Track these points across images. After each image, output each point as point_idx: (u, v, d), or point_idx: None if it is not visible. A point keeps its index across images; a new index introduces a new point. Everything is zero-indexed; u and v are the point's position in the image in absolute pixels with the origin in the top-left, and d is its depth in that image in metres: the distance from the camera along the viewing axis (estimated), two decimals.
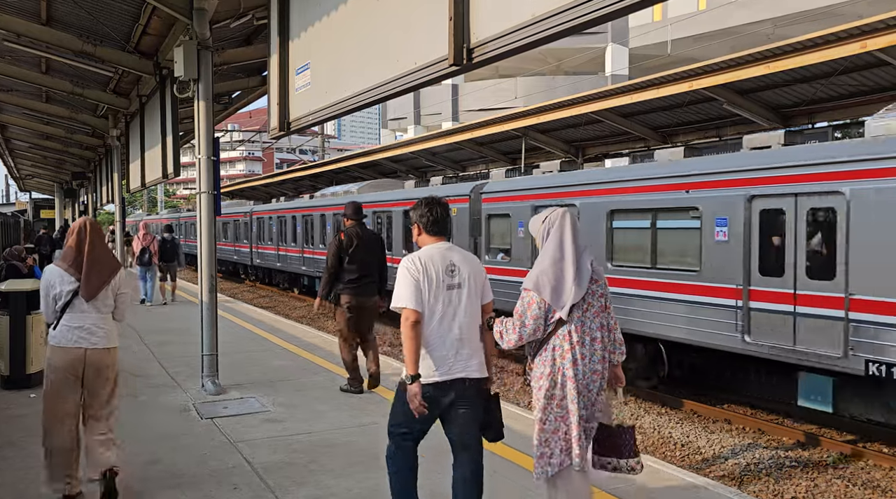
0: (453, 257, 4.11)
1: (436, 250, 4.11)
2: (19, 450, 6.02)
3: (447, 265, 4.05)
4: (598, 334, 4.01)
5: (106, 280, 4.84)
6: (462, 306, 4.03)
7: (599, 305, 4.06)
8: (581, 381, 3.95)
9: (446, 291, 4.01)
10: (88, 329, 4.75)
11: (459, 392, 4.00)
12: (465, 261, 4.14)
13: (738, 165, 9.25)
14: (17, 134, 23.50)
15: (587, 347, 3.97)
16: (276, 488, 5.17)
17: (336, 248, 7.83)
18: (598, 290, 4.06)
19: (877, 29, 9.14)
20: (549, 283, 3.95)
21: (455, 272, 4.06)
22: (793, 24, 27.06)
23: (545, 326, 3.99)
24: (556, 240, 4.05)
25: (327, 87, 5.89)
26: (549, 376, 4.00)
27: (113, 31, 10.72)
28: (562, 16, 3.31)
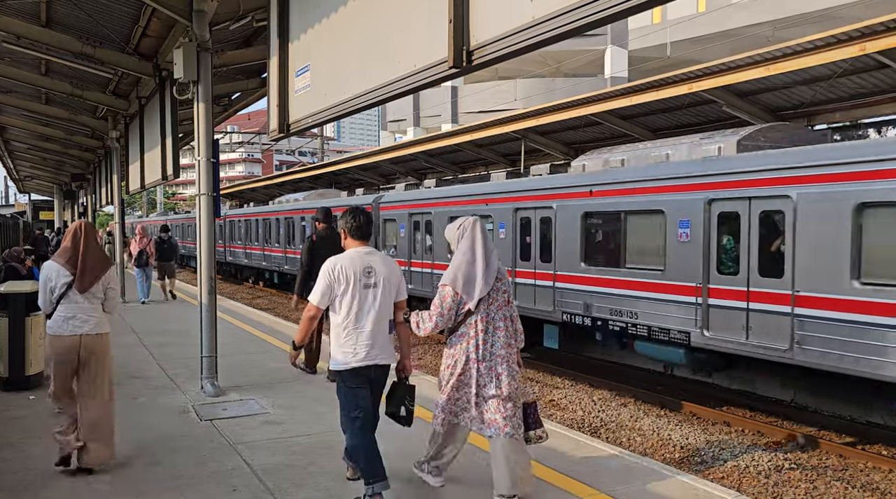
0: (372, 260, 4.81)
1: (356, 254, 4.82)
2: (18, 451, 6.02)
3: (365, 267, 4.75)
4: (501, 324, 4.83)
5: (98, 275, 5.44)
6: (376, 303, 4.73)
7: (503, 299, 4.87)
8: (483, 362, 4.76)
9: (363, 289, 4.71)
10: (81, 319, 5.35)
11: (371, 375, 4.79)
12: (382, 263, 4.84)
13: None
14: (16, 135, 23.49)
15: (490, 334, 4.80)
16: (276, 490, 5.17)
17: (308, 248, 8.43)
18: (502, 287, 4.88)
19: (876, 31, 9.15)
20: (462, 279, 4.77)
21: (371, 274, 4.75)
22: (792, 26, 27.10)
23: (457, 315, 4.80)
24: (468, 243, 4.87)
25: (327, 89, 5.89)
26: (456, 356, 4.83)
27: (112, 33, 10.72)
28: (561, 18, 3.32)
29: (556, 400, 10.89)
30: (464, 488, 5.27)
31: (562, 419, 9.76)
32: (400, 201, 17.49)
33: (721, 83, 11.21)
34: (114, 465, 5.63)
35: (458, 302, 4.78)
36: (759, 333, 8.95)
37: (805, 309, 8.46)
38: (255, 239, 28.18)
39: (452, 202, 15.11)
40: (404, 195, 17.63)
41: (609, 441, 8.64)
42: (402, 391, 5.01)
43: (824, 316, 8.25)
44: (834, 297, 8.16)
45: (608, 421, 9.83)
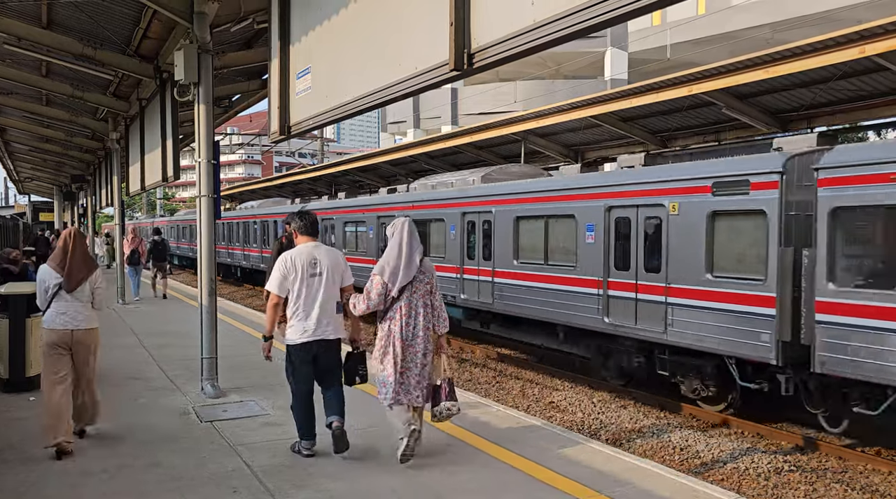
0: (317, 253, 5.82)
1: (305, 248, 5.85)
2: (19, 453, 6.02)
3: (311, 260, 5.77)
4: (422, 310, 5.73)
5: (84, 277, 6.13)
6: (321, 289, 5.72)
7: (425, 289, 5.78)
8: (405, 340, 5.68)
9: (309, 278, 5.72)
10: (72, 315, 6.04)
11: (320, 348, 5.79)
12: (326, 256, 5.87)
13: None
14: (16, 137, 23.50)
15: (412, 317, 5.70)
16: (276, 492, 5.17)
17: (278, 248, 9.01)
18: (425, 278, 5.78)
19: (876, 34, 9.16)
20: (388, 270, 5.68)
21: (316, 265, 5.77)
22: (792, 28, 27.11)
23: (385, 300, 5.70)
24: (396, 240, 5.77)
25: (328, 91, 5.90)
26: (383, 337, 5.74)
27: (113, 35, 10.74)
28: (563, 21, 3.32)
29: (555, 402, 10.90)
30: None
31: (561, 421, 9.77)
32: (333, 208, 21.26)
33: (721, 85, 11.21)
34: (115, 466, 5.65)
35: (385, 289, 5.68)
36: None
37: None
38: (223, 239, 32.33)
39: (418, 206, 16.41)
40: (342, 203, 21.35)
41: (609, 443, 8.64)
42: (356, 358, 6.01)
43: (686, 303, 9.90)
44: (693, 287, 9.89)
45: (608, 423, 9.84)
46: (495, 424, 7.02)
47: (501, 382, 12.33)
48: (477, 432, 6.68)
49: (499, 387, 11.95)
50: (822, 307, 8.15)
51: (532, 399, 11.10)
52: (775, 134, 12.20)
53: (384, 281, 5.68)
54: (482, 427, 6.87)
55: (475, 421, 7.08)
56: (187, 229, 39.00)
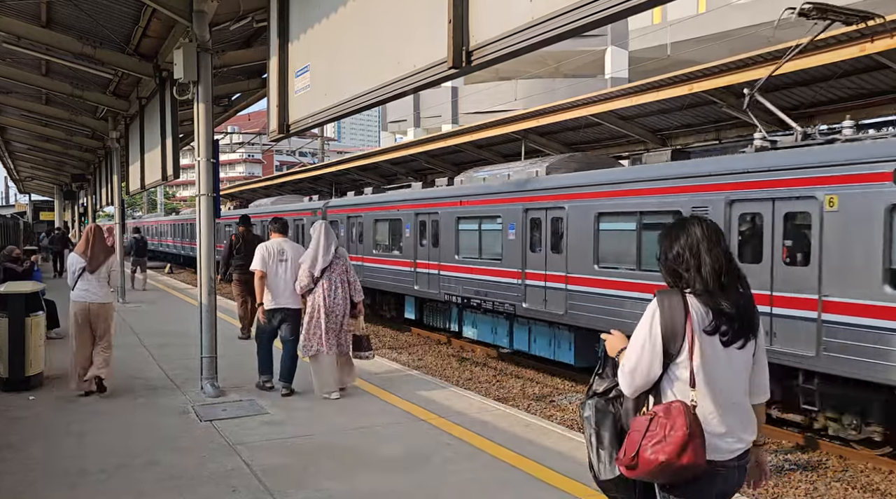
0: (284, 246, 8.20)
1: (275, 242, 8.25)
2: (18, 452, 6.02)
3: (279, 250, 8.13)
4: (339, 285, 7.81)
5: (102, 261, 7.96)
6: (287, 271, 8.04)
7: (341, 269, 7.87)
8: (328, 308, 7.72)
9: (279, 262, 8.05)
10: (92, 291, 7.86)
11: (284, 314, 8.10)
12: (290, 248, 8.23)
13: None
14: (16, 136, 23.50)
15: (332, 290, 7.76)
16: (275, 491, 5.16)
17: (229, 244, 12.14)
18: (340, 262, 7.88)
19: (877, 32, 9.15)
20: (311, 258, 7.80)
21: (283, 253, 8.11)
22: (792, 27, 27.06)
23: (313, 279, 7.75)
24: (316, 236, 7.86)
25: (327, 90, 5.89)
26: (311, 304, 7.79)
27: (113, 34, 10.72)
28: (561, 18, 3.31)
29: (555, 401, 10.89)
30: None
31: (562, 420, 9.76)
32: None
33: (721, 84, 11.19)
34: (113, 465, 5.65)
35: (312, 271, 7.75)
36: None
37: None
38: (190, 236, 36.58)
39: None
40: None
41: None
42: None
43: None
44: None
45: None
46: (495, 423, 7.01)
47: (502, 381, 12.32)
48: (477, 431, 6.67)
49: (499, 386, 11.94)
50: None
51: (532, 398, 11.09)
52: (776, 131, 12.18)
53: (308, 267, 7.77)
54: (482, 426, 6.86)
55: (475, 420, 7.07)
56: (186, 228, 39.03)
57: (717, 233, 2.87)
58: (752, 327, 2.82)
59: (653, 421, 2.67)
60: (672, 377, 2.77)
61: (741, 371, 2.82)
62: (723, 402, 2.75)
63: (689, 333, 2.72)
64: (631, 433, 2.75)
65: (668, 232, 2.93)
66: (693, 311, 2.74)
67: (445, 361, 13.95)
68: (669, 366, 2.77)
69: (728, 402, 2.77)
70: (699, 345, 2.73)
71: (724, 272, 2.78)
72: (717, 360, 2.75)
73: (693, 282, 2.79)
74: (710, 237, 2.83)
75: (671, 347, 2.74)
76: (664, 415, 2.66)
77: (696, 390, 2.71)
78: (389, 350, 14.79)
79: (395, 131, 48.42)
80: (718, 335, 2.75)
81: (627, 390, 2.82)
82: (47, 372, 8.73)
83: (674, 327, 2.73)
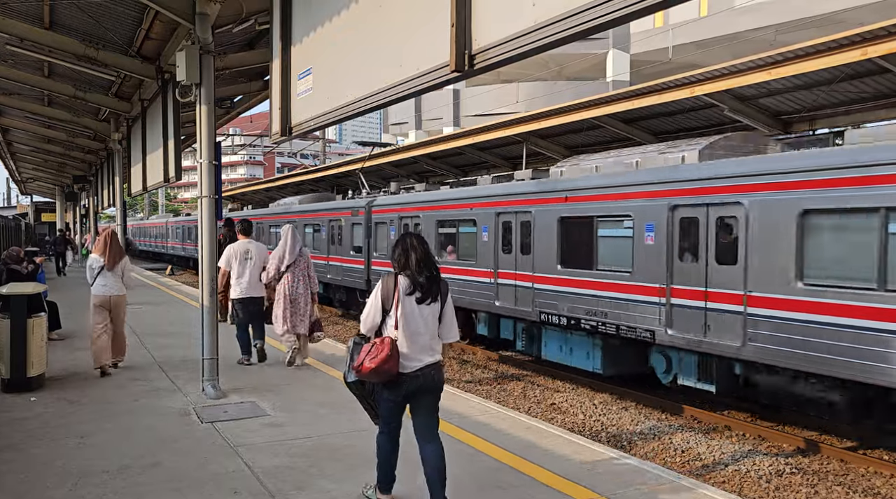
0: (249, 246, 9.82)
1: (241, 243, 9.88)
2: (20, 453, 6.02)
3: (244, 250, 9.74)
4: (301, 279, 9.46)
5: (117, 261, 9.19)
6: (252, 267, 9.68)
7: (303, 266, 9.51)
8: (291, 297, 9.37)
9: (244, 260, 9.66)
10: (110, 286, 9.12)
11: (249, 302, 9.70)
12: (255, 248, 9.85)
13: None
14: (18, 137, 23.55)
15: (295, 282, 9.40)
16: (276, 493, 5.17)
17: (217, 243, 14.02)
18: (302, 260, 9.50)
19: (878, 36, 9.15)
20: (279, 255, 9.40)
21: (248, 253, 9.73)
22: (794, 30, 27.10)
23: (279, 273, 9.40)
24: (284, 239, 9.48)
25: (329, 92, 5.90)
26: (280, 294, 9.42)
27: (115, 36, 10.75)
28: (564, 22, 3.32)
29: (556, 403, 10.89)
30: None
31: (563, 423, 9.76)
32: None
33: (723, 87, 11.21)
34: (116, 467, 5.65)
35: (280, 265, 9.39)
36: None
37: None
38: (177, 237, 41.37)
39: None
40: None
41: (610, 445, 8.63)
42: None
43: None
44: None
45: (609, 425, 9.83)
46: (496, 425, 7.01)
47: (503, 383, 12.32)
48: (478, 434, 6.67)
49: (500, 389, 11.94)
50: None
51: (533, 401, 11.09)
52: (777, 135, 12.20)
53: (276, 263, 9.42)
54: (483, 428, 6.86)
55: (476, 422, 7.08)
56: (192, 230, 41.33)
57: (420, 240, 4.79)
58: (436, 294, 4.69)
59: (373, 346, 4.55)
60: (387, 323, 4.68)
61: (428, 320, 4.68)
62: (412, 338, 4.61)
63: (396, 297, 4.62)
64: (361, 353, 4.60)
65: (395, 241, 4.81)
66: (401, 284, 4.64)
67: (446, 364, 13.96)
68: (385, 317, 4.68)
69: (415, 338, 4.62)
70: (402, 303, 4.61)
71: (421, 263, 4.64)
72: (413, 313, 4.63)
73: (404, 268, 4.68)
74: (414, 244, 4.71)
75: (387, 304, 4.67)
76: (379, 343, 4.55)
77: (398, 330, 4.59)
78: None
79: (397, 134, 48.41)
80: (414, 297, 4.62)
81: (364, 330, 4.77)
82: (49, 373, 8.74)
83: (388, 293, 4.66)
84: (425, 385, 4.66)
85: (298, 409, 7.53)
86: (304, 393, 8.23)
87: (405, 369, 4.57)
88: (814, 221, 8.23)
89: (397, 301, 4.59)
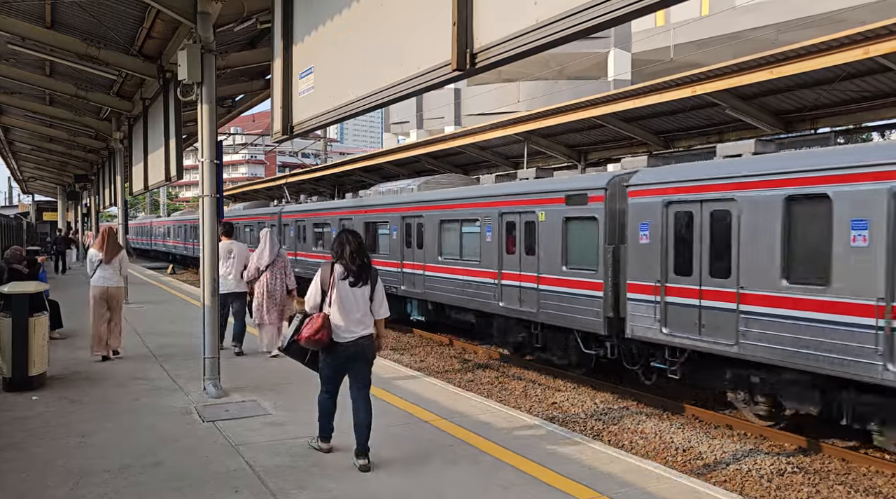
0: (231, 246, 10.57)
1: (224, 244, 10.18)
2: (21, 452, 6.03)
3: (227, 250, 10.38)
4: (279, 276, 10.36)
5: (114, 255, 9.99)
6: (234, 265, 10.46)
7: (281, 265, 10.40)
8: (270, 292, 10.25)
9: (226, 259, 10.33)
10: (108, 277, 9.94)
11: (233, 297, 10.52)
12: (236, 247, 10.65)
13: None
14: (20, 136, 23.55)
15: (273, 279, 10.28)
16: (278, 492, 5.17)
17: None
18: (280, 260, 10.40)
19: (880, 35, 9.14)
20: (259, 256, 10.30)
21: (230, 253, 10.47)
22: (796, 29, 27.07)
23: (259, 271, 10.27)
24: (263, 240, 10.37)
25: (330, 92, 5.90)
26: (258, 290, 10.31)
27: (117, 35, 10.75)
28: (565, 21, 3.32)
29: (557, 402, 10.89)
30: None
31: (564, 422, 9.75)
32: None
33: (724, 86, 11.19)
34: (117, 466, 5.66)
35: (261, 264, 10.29)
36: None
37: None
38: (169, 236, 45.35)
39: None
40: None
41: (611, 444, 8.63)
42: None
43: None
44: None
45: (610, 424, 9.83)
46: (497, 424, 7.01)
47: (504, 382, 12.32)
48: (479, 433, 6.67)
49: (501, 387, 11.95)
50: None
51: (534, 400, 11.09)
52: (778, 135, 12.19)
53: (256, 262, 10.33)
54: (484, 428, 6.86)
55: (477, 422, 7.08)
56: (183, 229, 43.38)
57: (354, 235, 5.88)
58: (366, 279, 5.73)
59: (312, 319, 5.60)
60: (326, 303, 5.67)
61: (360, 299, 5.70)
62: (344, 314, 5.63)
63: (332, 281, 5.66)
64: (302, 326, 5.64)
65: (335, 236, 5.88)
66: (336, 270, 5.69)
67: (447, 363, 13.96)
68: (324, 298, 5.68)
69: (348, 314, 5.64)
70: (336, 286, 5.66)
71: (354, 254, 5.70)
72: (346, 294, 5.66)
73: (339, 257, 5.72)
74: (349, 239, 5.78)
75: (325, 287, 5.69)
76: (315, 317, 5.60)
77: (332, 308, 5.63)
78: (392, 352, 14.79)
79: (398, 133, 48.39)
80: (347, 281, 5.66)
81: (307, 309, 5.75)
82: (50, 372, 8.75)
83: (326, 278, 5.70)
84: (357, 353, 5.70)
85: (300, 408, 7.52)
86: (305, 392, 8.21)
87: (341, 339, 5.62)
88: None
89: (332, 284, 5.65)
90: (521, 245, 13.03)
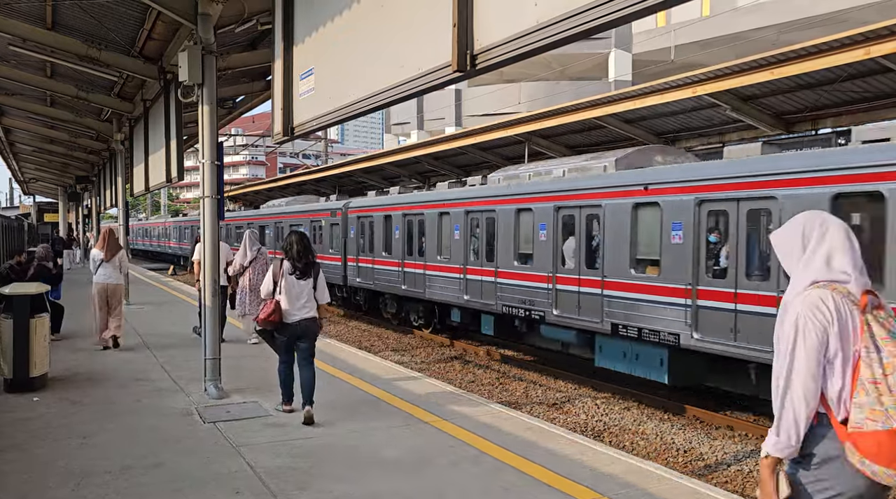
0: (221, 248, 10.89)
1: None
2: (22, 453, 6.03)
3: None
4: (261, 271, 11.07)
5: (114, 254, 10.87)
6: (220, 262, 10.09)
7: (262, 262, 11.40)
8: (253, 286, 11.07)
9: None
10: (108, 274, 10.82)
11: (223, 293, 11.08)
12: (221, 245, 9.63)
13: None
14: (21, 137, 23.57)
15: (256, 276, 11.17)
16: (278, 493, 5.17)
17: (194, 243, 13.35)
18: (262, 257, 11.50)
19: (881, 35, 9.13)
20: (241, 254, 11.47)
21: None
22: (797, 30, 27.05)
23: (242, 267, 11.40)
24: (245, 243, 11.50)
25: (331, 93, 5.90)
26: (241, 285, 11.49)
27: (118, 36, 10.76)
28: (566, 22, 3.31)
29: (558, 403, 10.88)
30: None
31: (564, 423, 9.75)
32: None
33: (726, 87, 11.18)
34: (118, 467, 5.67)
35: (244, 262, 11.33)
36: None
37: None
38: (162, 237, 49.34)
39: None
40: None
41: (612, 445, 8.62)
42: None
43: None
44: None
45: (611, 425, 9.82)
46: (498, 425, 7.00)
47: (505, 383, 12.32)
48: (480, 434, 6.67)
49: (502, 388, 11.94)
50: None
51: (536, 401, 11.09)
52: (780, 135, 12.18)
53: (239, 259, 11.39)
54: (485, 429, 6.86)
55: (478, 422, 7.07)
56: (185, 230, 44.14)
57: (302, 236, 7.20)
58: (310, 273, 7.03)
59: (266, 304, 6.96)
60: (277, 291, 6.98)
61: (304, 289, 7.00)
62: (292, 301, 6.94)
63: (281, 274, 6.98)
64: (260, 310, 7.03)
65: (286, 237, 7.21)
66: (285, 265, 7.01)
67: (448, 364, 13.96)
68: (275, 288, 7.00)
69: (294, 300, 6.95)
70: (285, 279, 6.96)
71: (300, 252, 7.02)
72: (292, 285, 6.96)
73: (288, 255, 7.01)
74: (297, 240, 7.10)
75: (276, 278, 7.01)
76: (269, 303, 6.94)
77: (281, 296, 6.95)
78: (392, 353, 14.79)
79: (399, 134, 48.40)
80: (294, 275, 6.97)
81: (262, 296, 7.27)
82: (52, 373, 8.75)
83: (276, 271, 7.03)
84: (302, 330, 7.04)
85: (300, 409, 7.51)
86: None
87: (289, 320, 6.96)
88: None
89: (281, 276, 7.01)
90: None
